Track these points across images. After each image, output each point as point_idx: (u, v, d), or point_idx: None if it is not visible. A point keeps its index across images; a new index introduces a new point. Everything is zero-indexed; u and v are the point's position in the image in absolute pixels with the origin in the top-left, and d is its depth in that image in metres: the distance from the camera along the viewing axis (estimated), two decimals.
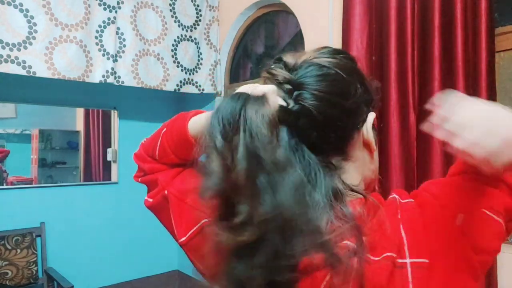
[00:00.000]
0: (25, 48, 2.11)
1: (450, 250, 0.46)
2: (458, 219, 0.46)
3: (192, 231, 0.57)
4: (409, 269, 0.44)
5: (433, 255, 0.45)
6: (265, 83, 0.50)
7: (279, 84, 0.49)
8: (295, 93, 0.48)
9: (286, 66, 0.51)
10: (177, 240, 0.60)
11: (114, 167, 3.09)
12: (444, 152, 1.54)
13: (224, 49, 3.03)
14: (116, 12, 2.46)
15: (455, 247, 0.46)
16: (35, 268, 2.57)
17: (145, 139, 0.69)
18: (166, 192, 0.60)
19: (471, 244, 0.47)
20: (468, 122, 0.41)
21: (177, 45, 2.77)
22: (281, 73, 0.50)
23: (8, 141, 2.74)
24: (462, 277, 0.46)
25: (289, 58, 0.51)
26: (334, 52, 0.53)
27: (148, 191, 0.67)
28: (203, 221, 0.56)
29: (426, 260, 0.44)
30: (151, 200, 0.64)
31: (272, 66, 0.52)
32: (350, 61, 0.53)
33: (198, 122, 0.57)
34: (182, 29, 2.81)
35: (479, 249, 0.47)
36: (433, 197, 0.50)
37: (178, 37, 2.78)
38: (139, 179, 0.68)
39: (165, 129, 0.62)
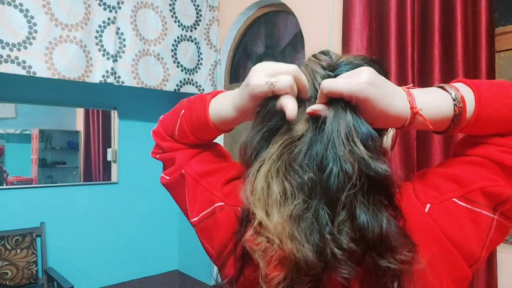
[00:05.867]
0: (25, 48, 2.11)
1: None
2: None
3: (204, 212, 0.59)
4: None
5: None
6: (306, 66, 0.55)
7: (322, 68, 0.54)
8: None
9: (330, 57, 0.56)
10: (189, 219, 0.62)
11: (114, 167, 3.09)
12: (444, 152, 1.54)
13: (224, 49, 3.03)
14: (116, 12, 2.46)
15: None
16: (35, 268, 2.57)
17: (163, 116, 0.70)
18: (183, 171, 0.62)
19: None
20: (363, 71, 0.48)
21: (177, 45, 2.77)
22: (326, 59, 0.55)
23: (8, 141, 2.74)
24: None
25: (333, 54, 0.57)
26: (373, 61, 0.57)
27: (164, 168, 0.68)
28: (216, 205, 0.58)
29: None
30: (167, 177, 0.66)
31: (318, 54, 0.57)
32: (384, 73, 0.56)
33: (219, 108, 0.58)
34: (182, 29, 2.81)
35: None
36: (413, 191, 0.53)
37: (178, 37, 2.78)
38: (158, 156, 0.69)
39: (183, 111, 0.62)
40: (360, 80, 0.46)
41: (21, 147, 2.81)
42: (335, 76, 0.52)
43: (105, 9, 2.41)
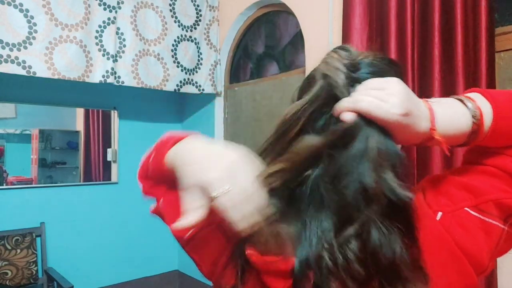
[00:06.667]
0: (25, 48, 2.11)
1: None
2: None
3: (190, 232, 0.58)
4: None
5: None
6: (326, 63, 0.52)
7: (343, 65, 0.51)
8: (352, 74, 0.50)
9: (351, 54, 0.52)
10: (179, 241, 0.62)
11: (114, 167, 3.09)
12: (443, 155, 1.54)
13: (224, 49, 3.03)
14: (116, 12, 2.46)
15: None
16: (35, 268, 2.57)
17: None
18: (161, 201, 0.61)
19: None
20: (395, 92, 0.46)
21: (177, 45, 2.77)
22: (347, 57, 0.52)
23: (8, 141, 2.74)
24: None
25: (353, 50, 0.54)
26: (392, 63, 0.55)
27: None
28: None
29: None
30: (152, 208, 0.65)
31: (338, 49, 0.54)
32: (400, 75, 0.55)
33: (177, 154, 0.53)
34: (182, 29, 2.81)
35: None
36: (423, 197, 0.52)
37: (178, 37, 2.78)
38: (145, 195, 0.69)
39: (153, 153, 0.61)
40: (395, 111, 0.44)
41: (21, 147, 2.81)
42: (357, 79, 0.49)
43: (105, 9, 2.41)
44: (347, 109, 0.46)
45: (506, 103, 0.49)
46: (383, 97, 0.45)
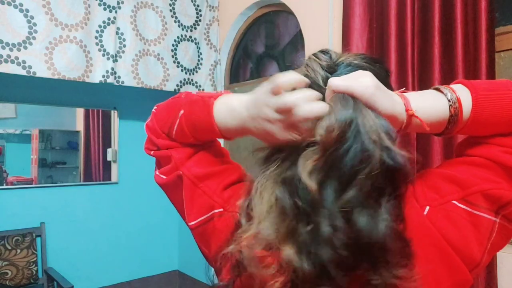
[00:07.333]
0: (25, 48, 2.11)
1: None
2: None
3: (202, 218, 0.58)
4: None
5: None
6: (307, 66, 0.55)
7: (322, 68, 0.53)
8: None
9: (330, 57, 0.55)
10: (185, 221, 0.61)
11: (114, 167, 3.09)
12: (443, 152, 1.54)
13: (224, 49, 3.03)
14: (116, 12, 2.46)
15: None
16: (35, 268, 2.57)
17: (157, 107, 0.66)
18: (181, 172, 0.60)
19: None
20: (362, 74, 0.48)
21: (177, 45, 2.77)
22: (326, 59, 0.54)
23: (8, 141, 2.74)
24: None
25: (333, 53, 0.56)
26: (374, 60, 0.56)
27: (159, 166, 0.65)
28: (214, 211, 0.57)
29: None
30: (164, 177, 0.63)
31: (318, 53, 0.56)
32: (385, 72, 0.56)
33: (227, 113, 0.55)
34: (182, 29, 2.81)
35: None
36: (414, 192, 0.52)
37: (178, 37, 2.78)
38: (152, 153, 0.65)
39: (183, 111, 0.59)
40: (368, 84, 0.45)
41: (21, 147, 2.81)
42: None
43: (105, 9, 2.41)
44: (330, 93, 0.48)
45: (487, 91, 0.48)
46: (355, 79, 0.47)
